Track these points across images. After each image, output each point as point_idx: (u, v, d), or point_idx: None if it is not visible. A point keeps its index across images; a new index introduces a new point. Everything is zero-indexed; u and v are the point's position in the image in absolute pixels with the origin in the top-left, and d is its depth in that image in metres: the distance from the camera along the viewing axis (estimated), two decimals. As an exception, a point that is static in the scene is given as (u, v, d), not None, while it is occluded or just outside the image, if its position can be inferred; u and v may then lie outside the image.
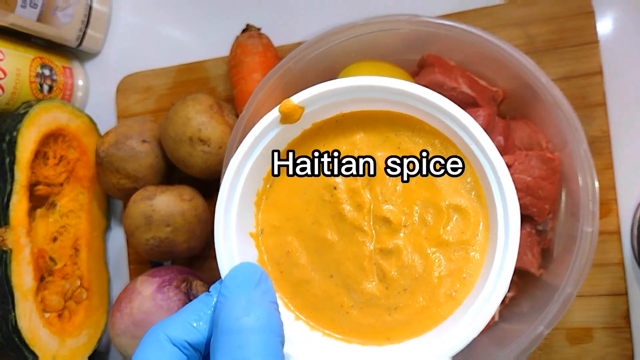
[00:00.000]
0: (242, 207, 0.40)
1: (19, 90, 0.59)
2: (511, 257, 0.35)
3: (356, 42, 0.48)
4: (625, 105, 0.51)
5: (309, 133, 0.41)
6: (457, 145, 0.39)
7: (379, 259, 0.39)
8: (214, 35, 0.63)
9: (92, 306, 0.61)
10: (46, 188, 0.59)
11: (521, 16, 0.53)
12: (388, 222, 0.39)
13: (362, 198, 0.40)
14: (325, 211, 0.41)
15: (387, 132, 0.41)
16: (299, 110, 0.39)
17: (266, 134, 0.40)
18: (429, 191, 0.39)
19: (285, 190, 0.42)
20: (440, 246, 0.39)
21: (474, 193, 0.39)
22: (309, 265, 0.41)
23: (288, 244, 0.41)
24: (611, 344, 0.50)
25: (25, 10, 0.57)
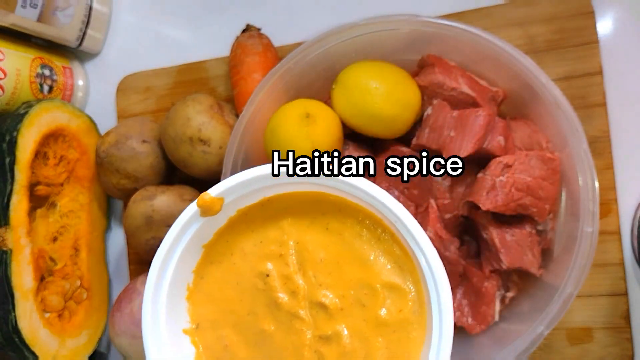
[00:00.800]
0: (173, 303, 0.39)
1: (19, 91, 0.59)
2: (447, 335, 0.34)
3: (356, 42, 0.48)
4: (625, 105, 0.51)
5: (236, 220, 0.41)
6: (384, 222, 0.38)
7: (319, 346, 0.38)
8: (214, 36, 0.63)
9: (92, 306, 0.61)
10: (46, 188, 0.59)
11: (521, 16, 0.53)
12: (324, 307, 0.38)
13: (296, 284, 0.39)
14: (260, 300, 0.40)
15: (314, 213, 0.40)
16: (218, 202, 0.39)
17: (188, 228, 0.39)
18: (361, 271, 0.38)
19: (218, 282, 0.41)
20: (379, 327, 0.38)
21: (406, 269, 0.38)
22: (249, 358, 0.39)
23: (226, 337, 0.40)
24: (611, 344, 0.50)
25: (25, 11, 0.57)
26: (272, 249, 0.40)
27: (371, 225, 0.39)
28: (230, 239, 0.41)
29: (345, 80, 0.48)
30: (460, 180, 0.47)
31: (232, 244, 0.41)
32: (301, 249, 0.40)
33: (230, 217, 0.41)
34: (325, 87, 0.50)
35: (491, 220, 0.45)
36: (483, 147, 0.45)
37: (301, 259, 0.40)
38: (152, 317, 0.38)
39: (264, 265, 0.40)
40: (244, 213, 0.41)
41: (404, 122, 0.48)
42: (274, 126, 0.48)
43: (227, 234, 0.41)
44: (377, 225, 0.39)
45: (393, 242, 0.39)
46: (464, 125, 0.45)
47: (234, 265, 0.41)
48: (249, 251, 0.41)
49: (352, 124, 0.48)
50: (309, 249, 0.40)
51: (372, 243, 0.39)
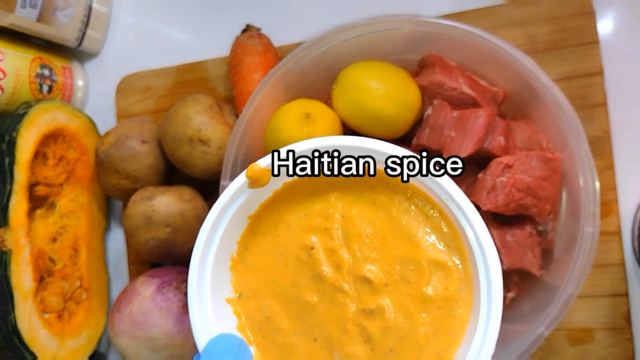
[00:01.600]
0: (217, 273, 0.40)
1: (18, 91, 0.59)
2: (496, 311, 0.34)
3: (357, 42, 0.48)
4: (626, 106, 0.51)
5: (281, 193, 0.41)
6: (433, 199, 0.38)
7: (362, 320, 0.38)
8: (214, 36, 0.63)
9: (92, 307, 0.61)
10: (46, 188, 0.59)
11: (522, 16, 0.53)
12: (369, 281, 0.38)
13: (341, 258, 0.39)
14: (303, 272, 0.40)
15: (362, 188, 0.40)
16: (267, 173, 0.39)
17: (236, 199, 0.39)
18: (408, 247, 0.39)
19: (262, 253, 0.41)
20: (423, 304, 0.38)
21: (454, 247, 0.38)
22: (291, 329, 0.40)
23: (268, 308, 0.40)
24: (612, 345, 0.50)
25: (25, 11, 0.57)
26: (317, 222, 0.40)
27: (419, 202, 0.39)
28: (276, 211, 0.41)
29: (345, 80, 0.48)
30: (460, 180, 0.47)
31: (277, 216, 0.41)
32: (347, 223, 0.40)
33: (275, 190, 0.41)
34: (325, 87, 0.50)
35: (491, 221, 0.45)
36: (483, 148, 0.45)
37: (347, 233, 0.40)
38: (197, 285, 0.38)
39: (308, 238, 0.40)
40: (290, 186, 0.41)
41: (404, 122, 0.48)
42: (274, 126, 0.48)
43: (273, 206, 0.41)
44: (425, 202, 0.39)
45: (441, 219, 0.38)
46: (465, 125, 0.45)
47: (278, 237, 0.41)
48: (294, 224, 0.41)
49: (352, 124, 0.48)
50: (355, 223, 0.40)
51: (419, 220, 0.39)
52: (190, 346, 0.52)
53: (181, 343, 0.51)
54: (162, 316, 0.51)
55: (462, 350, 0.36)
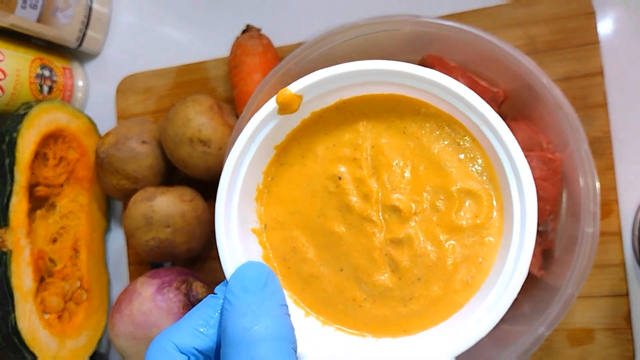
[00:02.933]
0: (243, 203, 0.39)
1: (18, 91, 0.59)
2: (529, 237, 0.34)
3: (357, 43, 0.48)
4: (626, 106, 0.51)
5: (309, 122, 0.40)
6: (465, 126, 0.38)
7: (390, 249, 0.38)
8: (214, 36, 0.63)
9: (92, 307, 0.61)
10: (46, 189, 0.59)
11: (522, 17, 0.53)
12: (398, 210, 0.38)
13: (369, 188, 0.39)
14: (331, 203, 0.40)
15: (392, 117, 0.39)
16: (297, 99, 0.38)
17: (264, 126, 0.38)
18: (438, 176, 0.38)
19: (288, 184, 0.41)
20: (453, 232, 0.37)
21: (486, 175, 0.37)
22: (318, 259, 0.40)
23: (294, 239, 0.40)
24: (612, 345, 0.50)
25: (25, 11, 0.57)
26: (345, 152, 0.40)
27: (451, 131, 0.38)
28: (303, 141, 0.41)
29: (345, 80, 0.48)
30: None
31: (304, 146, 0.41)
32: (376, 152, 0.39)
33: (303, 119, 0.40)
34: (326, 88, 0.50)
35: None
36: (484, 148, 0.45)
37: (376, 162, 0.39)
38: (225, 215, 0.38)
39: (336, 168, 0.40)
40: (318, 115, 0.40)
41: (404, 122, 0.48)
42: (274, 127, 0.48)
43: (300, 136, 0.40)
44: (458, 130, 0.38)
45: (474, 147, 0.38)
46: (465, 125, 0.45)
47: (305, 168, 0.40)
48: (322, 154, 0.40)
49: (353, 124, 0.48)
50: (385, 153, 0.39)
51: (451, 148, 0.38)
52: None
53: (181, 343, 0.51)
54: (162, 316, 0.51)
55: (492, 278, 0.36)
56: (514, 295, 0.34)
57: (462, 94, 0.35)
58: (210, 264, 0.60)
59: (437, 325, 0.37)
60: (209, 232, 0.57)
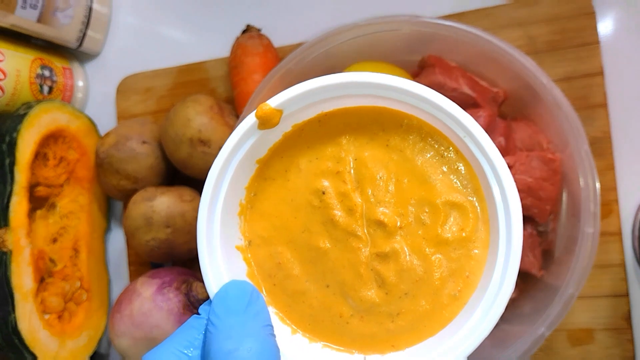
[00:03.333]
0: (226, 219, 0.39)
1: (19, 91, 0.59)
2: (516, 249, 0.33)
3: (357, 43, 0.48)
4: (626, 106, 0.51)
5: (291, 136, 0.40)
6: (449, 138, 0.37)
7: (376, 264, 0.38)
8: (214, 36, 0.63)
9: (92, 307, 0.61)
10: (46, 189, 0.59)
11: (522, 17, 0.53)
12: (382, 225, 0.38)
13: (353, 202, 0.38)
14: (315, 218, 0.39)
15: (374, 129, 0.39)
16: (277, 113, 0.37)
17: (245, 141, 0.38)
18: (422, 189, 0.38)
19: (271, 198, 0.40)
20: (439, 246, 0.37)
21: (471, 187, 0.37)
22: (303, 275, 0.39)
23: (279, 254, 0.40)
24: (612, 345, 0.50)
25: (25, 11, 0.57)
26: (328, 165, 0.39)
27: (435, 142, 0.38)
28: (285, 155, 0.40)
29: (345, 80, 0.48)
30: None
31: (286, 160, 0.40)
32: (360, 165, 0.39)
33: (285, 133, 0.39)
34: (326, 88, 0.50)
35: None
36: (484, 148, 0.45)
37: (359, 176, 0.39)
38: (207, 232, 0.38)
39: (320, 182, 0.39)
40: (299, 128, 0.39)
41: (404, 122, 0.48)
42: (274, 127, 0.48)
43: (282, 150, 0.40)
44: (441, 141, 0.38)
45: (458, 159, 0.37)
46: (465, 125, 0.45)
47: (288, 182, 0.40)
48: (304, 168, 0.40)
49: (353, 124, 0.48)
50: (368, 166, 0.39)
51: (435, 160, 0.38)
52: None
53: (181, 344, 0.51)
54: (163, 317, 0.51)
55: (479, 291, 0.36)
56: (501, 310, 0.34)
57: (444, 106, 0.35)
58: (211, 264, 0.60)
59: (425, 340, 0.37)
60: (209, 232, 0.57)
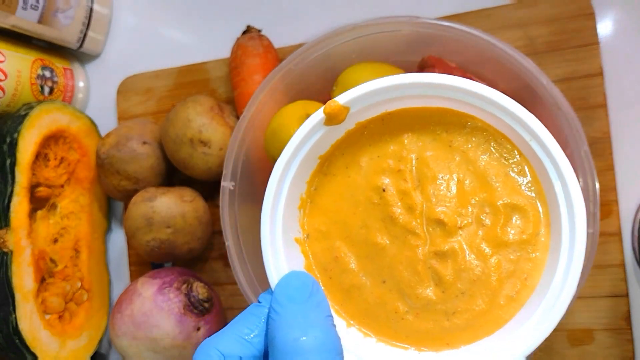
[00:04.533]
0: (287, 212, 0.39)
1: (19, 92, 0.59)
2: (579, 254, 0.33)
3: (357, 44, 0.48)
4: (626, 107, 0.51)
5: (354, 133, 0.40)
6: (512, 141, 0.37)
7: (434, 262, 0.38)
8: (215, 37, 0.63)
9: (93, 308, 0.61)
10: (47, 190, 0.59)
11: (521, 18, 0.53)
12: (442, 224, 0.38)
13: (413, 200, 0.38)
14: (374, 214, 0.39)
15: (437, 130, 0.39)
16: (345, 110, 0.38)
17: (310, 137, 0.39)
18: (484, 190, 0.38)
19: (331, 194, 0.41)
20: (498, 247, 0.37)
21: (534, 190, 0.37)
22: (360, 270, 0.40)
23: (336, 249, 0.40)
24: (612, 346, 0.50)
25: (26, 12, 0.57)
26: (390, 163, 0.40)
27: (498, 145, 0.38)
28: (347, 151, 0.41)
29: (345, 81, 0.48)
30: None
31: (348, 157, 0.41)
32: (421, 165, 0.39)
33: (348, 130, 0.40)
34: (326, 89, 0.50)
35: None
36: (484, 148, 0.45)
37: (421, 175, 0.39)
38: (270, 224, 0.39)
39: (380, 180, 0.39)
40: (363, 126, 0.40)
41: (404, 123, 0.48)
42: (274, 127, 0.48)
43: (344, 147, 0.40)
44: (505, 144, 0.38)
45: (522, 161, 0.37)
46: (465, 126, 0.45)
47: (348, 178, 0.40)
48: (366, 165, 0.40)
49: (353, 125, 0.48)
50: (430, 166, 0.39)
51: (498, 162, 0.38)
52: (191, 347, 0.52)
53: (182, 344, 0.51)
54: (163, 317, 0.51)
55: (537, 295, 0.36)
56: (562, 313, 0.34)
57: (510, 108, 0.35)
58: (211, 265, 0.60)
59: (481, 339, 0.37)
60: (209, 233, 0.57)
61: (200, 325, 0.53)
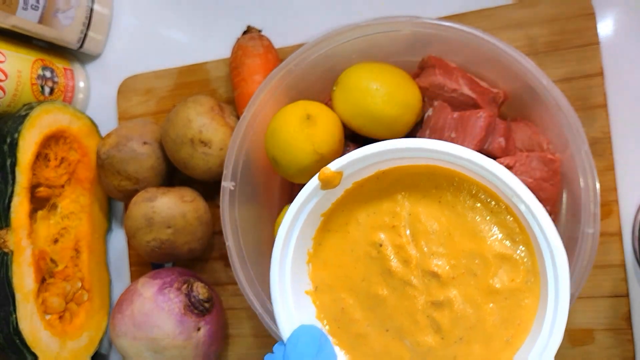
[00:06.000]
0: (296, 267, 0.42)
1: (20, 92, 0.59)
2: (563, 302, 0.35)
3: (357, 44, 0.48)
4: (626, 107, 0.51)
5: (352, 192, 0.43)
6: (498, 194, 0.39)
7: (432, 311, 0.40)
8: (215, 37, 0.63)
9: (93, 308, 0.61)
10: (47, 190, 0.59)
11: (522, 18, 0.53)
12: (436, 275, 0.40)
13: (408, 254, 0.41)
14: (373, 268, 0.42)
15: (427, 186, 0.42)
16: (338, 175, 0.41)
17: (309, 201, 0.41)
18: (473, 242, 0.40)
19: (334, 249, 0.43)
20: (491, 295, 0.39)
21: (520, 240, 0.39)
22: (364, 320, 0.42)
23: (342, 300, 0.43)
24: (613, 346, 0.50)
25: (26, 12, 0.57)
26: (385, 220, 0.42)
27: (485, 198, 0.40)
28: (346, 209, 0.43)
29: (346, 81, 0.48)
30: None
31: (347, 214, 0.43)
32: (414, 220, 0.41)
33: (346, 189, 0.43)
34: (326, 89, 0.50)
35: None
36: (484, 149, 0.45)
37: (414, 230, 0.41)
38: (279, 278, 0.41)
39: (377, 235, 0.42)
40: (359, 185, 0.43)
41: (404, 123, 0.48)
42: (274, 128, 0.48)
43: (344, 204, 0.43)
44: (491, 198, 0.40)
45: (507, 214, 0.39)
46: (465, 126, 0.45)
47: (348, 234, 0.43)
48: (363, 221, 0.43)
49: (353, 125, 0.48)
50: (422, 221, 0.41)
51: (485, 215, 0.40)
52: (191, 347, 0.52)
53: (182, 344, 0.51)
54: (163, 317, 0.51)
55: (531, 338, 0.38)
56: (552, 356, 0.36)
57: (493, 170, 0.37)
58: (211, 265, 0.60)
59: None
60: (209, 233, 0.57)
61: (200, 325, 0.53)
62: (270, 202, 0.54)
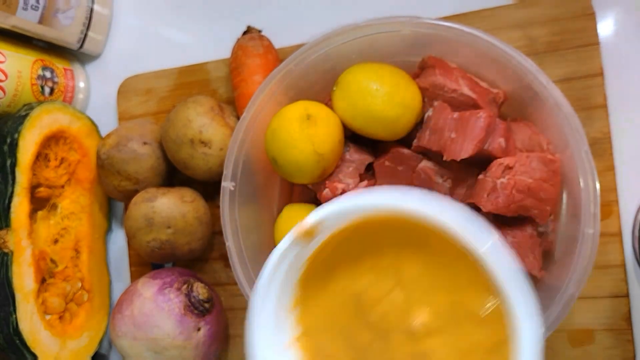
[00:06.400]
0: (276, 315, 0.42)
1: (20, 93, 0.59)
2: None
3: (357, 44, 0.48)
4: (626, 107, 0.51)
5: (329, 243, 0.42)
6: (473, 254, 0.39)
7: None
8: (215, 37, 0.63)
9: (93, 308, 0.62)
10: (47, 190, 0.59)
11: (522, 18, 0.53)
12: (413, 332, 0.40)
13: (387, 307, 0.41)
14: (354, 321, 0.42)
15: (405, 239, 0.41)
16: (313, 229, 0.40)
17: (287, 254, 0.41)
18: (457, 296, 0.40)
19: (317, 302, 0.43)
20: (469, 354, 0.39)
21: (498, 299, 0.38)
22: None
23: (329, 349, 0.42)
24: (613, 346, 0.50)
25: (26, 13, 0.57)
26: (363, 271, 0.42)
27: (464, 256, 0.39)
28: (325, 261, 0.42)
29: (346, 81, 0.48)
30: (461, 182, 0.47)
31: (326, 267, 0.43)
32: (393, 273, 0.41)
33: (324, 241, 0.42)
34: (326, 89, 0.50)
35: (492, 222, 0.45)
36: (484, 149, 0.45)
37: (392, 283, 0.41)
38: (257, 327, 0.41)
39: (357, 286, 0.42)
40: (337, 236, 0.42)
41: (404, 123, 0.48)
42: (274, 128, 0.48)
43: (322, 257, 0.42)
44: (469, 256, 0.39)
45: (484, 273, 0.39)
46: (465, 127, 0.45)
47: (328, 287, 0.43)
48: (342, 274, 0.42)
49: (353, 125, 0.48)
50: (404, 273, 0.41)
51: (469, 271, 0.39)
52: (191, 347, 0.52)
53: (182, 344, 0.51)
54: (163, 317, 0.51)
55: None
56: None
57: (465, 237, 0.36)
58: (211, 265, 0.60)
59: None
60: (209, 233, 0.57)
61: (200, 325, 0.53)
62: (270, 202, 0.54)
